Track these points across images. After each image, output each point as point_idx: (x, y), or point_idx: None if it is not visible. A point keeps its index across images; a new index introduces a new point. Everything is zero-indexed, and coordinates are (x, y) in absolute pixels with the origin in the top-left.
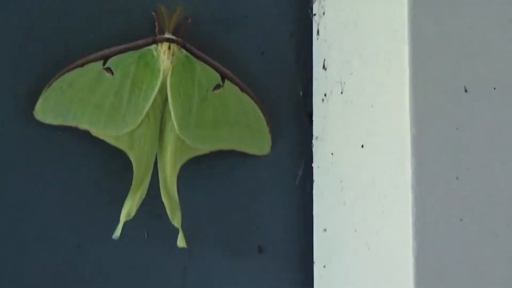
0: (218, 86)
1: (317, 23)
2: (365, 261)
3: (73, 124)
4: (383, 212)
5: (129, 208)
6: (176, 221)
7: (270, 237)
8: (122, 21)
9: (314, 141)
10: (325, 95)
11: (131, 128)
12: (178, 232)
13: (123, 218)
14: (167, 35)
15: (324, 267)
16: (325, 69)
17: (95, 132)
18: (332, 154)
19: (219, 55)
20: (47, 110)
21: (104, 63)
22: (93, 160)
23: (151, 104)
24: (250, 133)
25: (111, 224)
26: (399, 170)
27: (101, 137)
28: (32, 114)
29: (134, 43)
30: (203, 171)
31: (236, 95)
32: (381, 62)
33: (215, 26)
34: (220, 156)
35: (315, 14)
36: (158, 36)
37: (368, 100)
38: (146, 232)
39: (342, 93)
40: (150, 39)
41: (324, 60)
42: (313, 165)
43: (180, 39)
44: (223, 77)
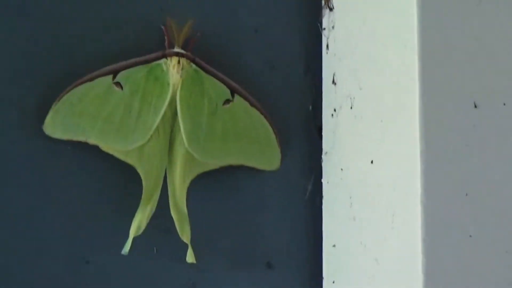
0: (227, 101)
1: (326, 37)
2: (374, 277)
3: (83, 139)
4: (393, 228)
5: (139, 223)
6: (185, 236)
7: (279, 252)
8: (132, 35)
9: (323, 156)
10: (335, 110)
11: (140, 143)
12: (187, 247)
13: (132, 233)
14: (176, 49)
15: (333, 282)
16: (335, 84)
17: (105, 147)
18: (342, 169)
19: (229, 69)
20: (57, 125)
21: (114, 77)
22: (103, 175)
23: (161, 119)
24: (260, 148)
25: (121, 239)
26: (409, 186)
27: (111, 152)
28: (41, 128)
29: (144, 57)
30: (212, 185)
31: (246, 109)
32: (391, 77)
33: (224, 40)
34: (229, 171)
35: (324, 28)
36: (167, 50)
37: (377, 115)
38: (155, 248)
39: (351, 108)
40: (159, 53)
41: (334, 74)
42: (322, 180)
43: (189, 53)
44: (233, 91)
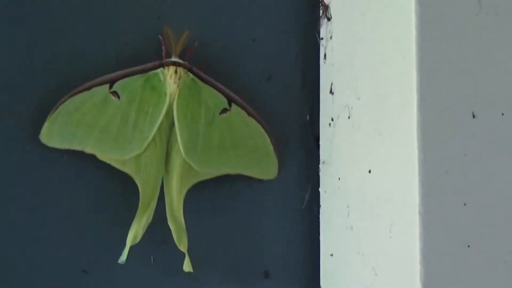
0: (224, 110)
1: (324, 47)
2: (372, 286)
3: (79, 148)
4: (390, 238)
5: (135, 232)
6: (182, 245)
7: (276, 261)
8: (129, 44)
9: (321, 166)
10: (332, 119)
11: (137, 152)
12: (184, 256)
13: (129, 243)
14: (173, 59)
15: None
16: (332, 94)
17: (101, 156)
18: (339, 178)
19: (226, 79)
20: (53, 134)
21: (111, 86)
22: (99, 184)
23: (158, 128)
24: (257, 157)
25: (117, 249)
26: (407, 196)
27: (107, 161)
28: (38, 137)
29: (141, 66)
30: (209, 195)
31: (243, 119)
32: (389, 87)
33: (222, 50)
34: (226, 180)
35: (322, 38)
36: (164, 60)
37: (375, 125)
38: (152, 257)
39: (349, 117)
40: (156, 62)
41: (331, 84)
42: (319, 189)
43: (186, 63)
44: (230, 101)
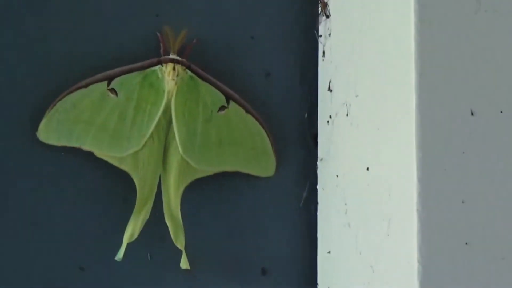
0: (222, 107)
1: (322, 45)
2: (370, 284)
3: (77, 145)
4: (388, 235)
5: (132, 229)
6: (180, 242)
7: (274, 259)
8: (127, 41)
9: (318, 163)
10: (330, 117)
11: (135, 150)
12: (181, 253)
13: (126, 240)
14: (172, 56)
15: None
16: (331, 91)
17: (99, 153)
18: (337, 176)
19: (224, 76)
20: (51, 131)
21: (108, 83)
22: (97, 181)
23: (155, 125)
24: (255, 155)
25: (114, 246)
26: (405, 193)
27: (105, 158)
28: (35, 134)
29: (139, 63)
30: (206, 192)
31: (241, 116)
32: (387, 85)
33: (220, 47)
34: (224, 178)
35: (321, 36)
36: (163, 57)
37: (373, 122)
38: (149, 254)
39: (347, 115)
40: (155, 59)
41: (330, 81)
42: (317, 187)
43: (185, 60)
44: (228, 98)
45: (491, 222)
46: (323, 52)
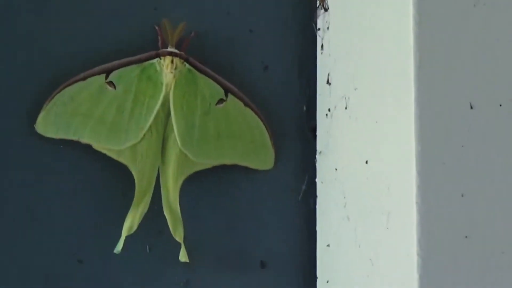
0: (221, 100)
1: (321, 38)
2: (369, 277)
3: (75, 138)
4: (387, 228)
5: (131, 222)
6: (178, 235)
7: (273, 252)
8: (125, 34)
9: (317, 156)
10: (329, 110)
11: (133, 142)
12: (180, 246)
13: (124, 233)
14: (170, 49)
15: (327, 282)
16: (329, 84)
17: (97, 146)
18: (336, 169)
19: (223, 69)
20: (49, 124)
21: (106, 76)
22: (95, 174)
23: (154, 118)
24: (253, 148)
25: (113, 239)
26: (404, 187)
27: (103, 151)
28: (33, 127)
29: (137, 56)
30: (205, 185)
31: (239, 109)
32: (386, 78)
33: (218, 40)
34: (223, 171)
35: (319, 29)
36: (161, 50)
37: (372, 115)
38: (148, 247)
39: (346, 108)
40: (153, 52)
41: (328, 75)
42: (316, 180)
43: (183, 53)
44: (226, 91)
45: (490, 216)
46: (322, 45)
